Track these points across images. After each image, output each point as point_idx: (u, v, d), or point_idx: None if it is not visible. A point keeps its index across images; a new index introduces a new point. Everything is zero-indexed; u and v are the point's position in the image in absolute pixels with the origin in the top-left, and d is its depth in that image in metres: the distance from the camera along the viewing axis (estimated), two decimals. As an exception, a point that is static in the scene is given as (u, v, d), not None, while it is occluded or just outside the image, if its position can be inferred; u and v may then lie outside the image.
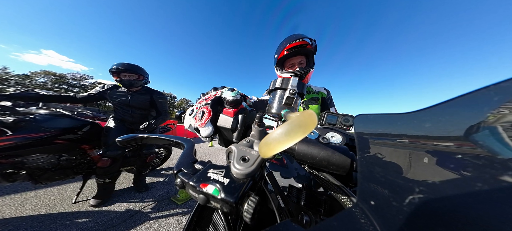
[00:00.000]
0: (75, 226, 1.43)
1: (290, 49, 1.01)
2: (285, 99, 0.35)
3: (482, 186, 0.11)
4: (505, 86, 0.12)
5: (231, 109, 0.35)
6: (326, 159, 0.27)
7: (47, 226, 1.40)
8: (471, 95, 0.13)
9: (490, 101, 0.13)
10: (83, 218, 1.54)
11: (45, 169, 1.51)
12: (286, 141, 0.16)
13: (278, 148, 0.17)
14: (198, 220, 0.40)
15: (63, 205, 1.70)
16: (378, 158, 0.16)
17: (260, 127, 0.29)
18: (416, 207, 0.11)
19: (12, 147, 1.29)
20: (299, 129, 0.16)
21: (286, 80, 0.36)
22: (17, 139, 1.30)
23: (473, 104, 0.13)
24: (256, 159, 0.22)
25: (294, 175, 0.61)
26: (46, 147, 1.47)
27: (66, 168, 1.64)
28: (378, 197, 0.13)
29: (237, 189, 0.18)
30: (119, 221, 1.53)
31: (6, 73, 52.03)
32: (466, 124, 0.13)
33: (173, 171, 0.23)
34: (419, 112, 0.17)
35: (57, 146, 1.53)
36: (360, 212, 0.12)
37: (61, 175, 1.61)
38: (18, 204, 1.64)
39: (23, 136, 1.32)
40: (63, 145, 1.56)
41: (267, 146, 0.18)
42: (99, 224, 1.47)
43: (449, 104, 0.15)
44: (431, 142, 0.15)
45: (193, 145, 0.32)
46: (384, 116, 0.20)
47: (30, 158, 1.43)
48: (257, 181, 0.21)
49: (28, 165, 1.42)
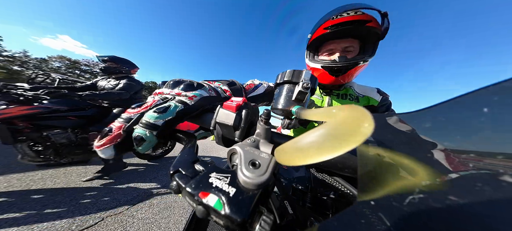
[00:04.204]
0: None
1: (334, 26, 0.63)
2: (296, 94, 0.30)
3: (482, 186, 0.11)
4: (505, 86, 0.12)
5: (234, 104, 0.30)
6: (341, 161, 0.24)
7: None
8: (471, 95, 0.13)
9: (490, 101, 0.13)
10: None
11: (66, 145, 1.76)
12: (331, 150, 0.11)
13: (317, 157, 0.11)
14: (196, 228, 0.38)
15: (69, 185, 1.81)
16: (378, 158, 0.16)
17: (267, 125, 0.26)
18: (416, 207, 0.11)
19: (34, 114, 1.56)
20: (351, 133, 0.11)
21: (298, 72, 0.32)
22: (39, 108, 1.59)
23: (473, 105, 0.13)
24: (268, 163, 0.18)
25: (295, 176, 0.59)
26: (61, 121, 1.71)
27: (84, 146, 1.86)
28: (378, 197, 0.13)
29: (246, 203, 0.15)
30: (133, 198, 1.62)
31: (26, 56, 55.01)
32: (466, 124, 0.14)
33: (169, 171, 0.20)
34: (419, 112, 0.17)
35: (70, 121, 1.77)
36: (360, 212, 0.12)
37: (80, 152, 1.84)
38: (24, 185, 1.73)
39: (43, 106, 1.61)
40: (75, 121, 1.80)
41: (299, 152, 0.13)
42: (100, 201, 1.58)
43: (449, 104, 0.15)
44: (431, 142, 0.15)
45: (196, 140, 0.29)
46: (384, 116, 0.21)
47: (53, 132, 1.68)
48: (269, 193, 0.18)
49: (53, 139, 1.68)
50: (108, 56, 2.18)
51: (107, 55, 2.19)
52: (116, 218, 1.42)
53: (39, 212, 1.37)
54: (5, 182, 1.69)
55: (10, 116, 1.42)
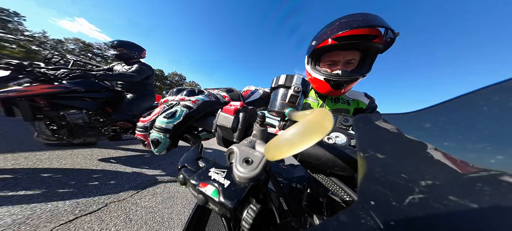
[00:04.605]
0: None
1: (343, 39, 0.63)
2: (289, 98, 0.34)
3: (482, 186, 0.11)
4: (505, 86, 0.12)
5: (232, 107, 0.33)
6: (332, 160, 0.25)
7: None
8: (472, 95, 0.14)
9: (490, 102, 0.13)
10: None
11: (80, 126, 1.84)
12: (300, 143, 0.14)
13: (290, 151, 0.15)
14: (198, 220, 0.40)
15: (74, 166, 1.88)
16: (378, 158, 0.16)
17: (262, 127, 0.28)
18: (416, 207, 0.11)
19: (54, 93, 1.66)
20: (315, 130, 0.14)
21: (290, 77, 0.36)
22: (59, 87, 1.68)
23: (473, 105, 0.14)
24: (260, 161, 0.20)
25: (295, 176, 0.60)
26: (79, 102, 1.79)
27: (96, 128, 1.95)
28: (378, 197, 0.13)
29: (237, 193, 0.17)
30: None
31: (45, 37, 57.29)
32: (466, 124, 0.14)
33: (177, 167, 0.23)
34: (419, 113, 0.17)
35: (86, 102, 1.86)
36: (360, 212, 0.12)
37: (93, 133, 1.93)
38: (31, 163, 1.75)
39: (63, 86, 1.67)
40: (90, 103, 1.88)
41: (277, 148, 0.16)
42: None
43: (449, 104, 0.15)
44: (431, 142, 0.15)
45: (200, 140, 0.32)
46: (384, 116, 0.21)
47: (69, 112, 1.75)
48: (261, 186, 0.20)
49: (68, 119, 1.75)
50: (116, 41, 2.24)
51: (115, 40, 2.23)
52: (120, 205, 1.43)
53: (44, 192, 1.37)
54: (12, 159, 1.72)
55: (32, 93, 1.49)
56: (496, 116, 0.12)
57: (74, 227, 1.13)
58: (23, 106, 1.49)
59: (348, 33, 0.61)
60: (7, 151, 1.84)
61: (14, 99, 1.44)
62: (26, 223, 1.09)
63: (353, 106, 0.83)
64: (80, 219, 1.21)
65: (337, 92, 0.75)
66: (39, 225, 1.09)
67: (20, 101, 1.47)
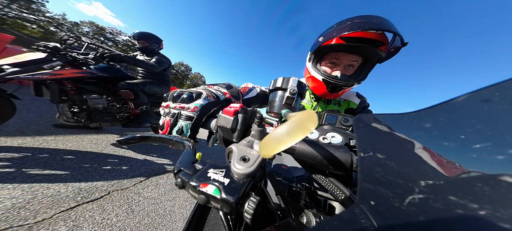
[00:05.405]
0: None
1: (352, 40, 0.62)
2: (285, 100, 0.37)
3: (482, 186, 0.11)
4: (505, 86, 0.12)
5: (232, 109, 0.34)
6: (326, 159, 0.26)
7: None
8: (472, 95, 0.14)
9: (490, 102, 0.13)
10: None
11: (98, 110, 1.95)
12: (286, 140, 0.17)
13: (279, 147, 0.17)
14: (198, 220, 0.41)
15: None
16: (378, 158, 0.16)
17: (260, 127, 0.29)
18: (416, 207, 0.11)
19: (82, 78, 1.77)
20: (299, 129, 0.16)
21: (286, 80, 0.39)
22: (87, 73, 1.79)
23: (473, 105, 0.14)
24: (256, 158, 0.21)
25: (294, 175, 0.61)
26: (101, 87, 1.93)
27: (112, 113, 2.08)
28: (378, 197, 0.13)
29: (237, 189, 0.18)
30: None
31: (64, 19, 59.43)
32: (466, 124, 0.14)
33: (173, 171, 0.23)
34: (419, 113, 0.17)
35: (107, 88, 2.00)
36: (360, 212, 0.12)
37: (109, 119, 2.04)
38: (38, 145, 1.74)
39: (90, 72, 1.82)
40: (111, 89, 2.02)
41: (268, 145, 0.18)
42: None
43: (450, 104, 0.15)
44: (431, 142, 0.15)
45: (194, 145, 0.32)
46: (384, 116, 0.21)
47: (91, 97, 1.87)
48: (257, 181, 0.21)
49: (89, 103, 1.86)
50: (138, 33, 2.39)
51: (137, 32, 2.39)
52: (123, 194, 1.41)
53: (44, 172, 1.34)
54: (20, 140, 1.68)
55: (63, 77, 1.60)
56: (496, 116, 0.12)
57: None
58: (53, 88, 1.61)
59: (358, 34, 0.60)
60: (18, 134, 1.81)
61: (46, 82, 1.56)
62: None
63: (344, 107, 0.85)
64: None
65: (332, 95, 0.76)
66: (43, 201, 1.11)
67: (51, 83, 1.59)
